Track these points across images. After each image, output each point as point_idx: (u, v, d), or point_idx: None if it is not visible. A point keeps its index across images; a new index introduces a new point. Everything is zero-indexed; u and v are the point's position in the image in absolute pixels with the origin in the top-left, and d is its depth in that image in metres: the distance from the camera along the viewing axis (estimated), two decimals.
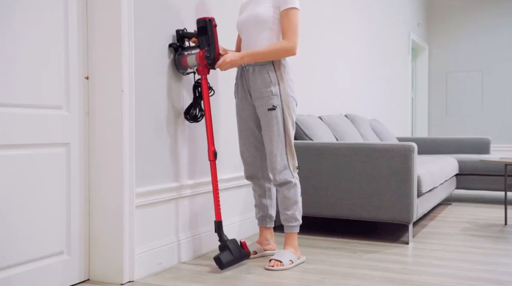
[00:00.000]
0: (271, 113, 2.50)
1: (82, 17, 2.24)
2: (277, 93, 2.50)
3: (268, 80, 2.50)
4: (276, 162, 2.52)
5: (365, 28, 5.50)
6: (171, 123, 2.57)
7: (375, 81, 5.92)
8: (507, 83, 7.96)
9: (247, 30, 2.57)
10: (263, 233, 2.77)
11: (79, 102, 2.24)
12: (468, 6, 8.20)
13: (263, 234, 2.77)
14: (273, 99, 2.49)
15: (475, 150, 5.34)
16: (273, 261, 2.50)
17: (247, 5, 2.66)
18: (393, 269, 2.48)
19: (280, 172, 2.53)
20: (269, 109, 2.50)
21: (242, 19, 2.60)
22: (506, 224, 3.66)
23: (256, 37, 2.53)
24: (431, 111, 8.49)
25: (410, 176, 2.98)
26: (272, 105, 2.49)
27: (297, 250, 2.60)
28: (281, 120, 2.51)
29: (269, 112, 2.50)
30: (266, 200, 2.74)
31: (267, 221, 2.76)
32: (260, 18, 2.50)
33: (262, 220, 2.76)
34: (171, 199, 2.56)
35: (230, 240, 2.48)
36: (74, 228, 2.21)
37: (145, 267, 2.37)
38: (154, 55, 2.45)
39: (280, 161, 2.53)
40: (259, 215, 2.77)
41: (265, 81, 2.51)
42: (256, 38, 2.53)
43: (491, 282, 2.27)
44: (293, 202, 2.58)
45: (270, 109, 2.50)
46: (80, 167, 2.24)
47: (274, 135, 2.51)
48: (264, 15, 2.50)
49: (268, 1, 2.53)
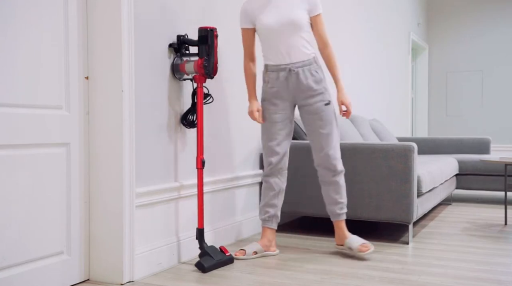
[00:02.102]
0: (328, 107, 2.70)
1: (82, 17, 2.24)
2: (327, 89, 2.72)
3: (318, 77, 2.69)
4: (336, 152, 2.72)
5: (365, 28, 5.50)
6: (171, 123, 2.57)
7: (375, 81, 5.92)
8: (507, 83, 7.96)
9: (282, 34, 2.65)
10: (267, 234, 2.78)
11: (79, 102, 2.24)
12: (468, 6, 8.20)
13: (267, 235, 2.78)
14: (325, 94, 2.70)
15: (475, 150, 5.34)
16: (362, 246, 2.65)
17: (267, 7, 2.67)
18: (393, 269, 2.48)
19: (339, 161, 2.74)
20: (326, 104, 2.69)
21: (275, 22, 2.64)
22: (506, 224, 3.66)
23: (294, 42, 2.65)
24: (431, 111, 8.48)
25: (410, 176, 2.98)
26: (327, 100, 2.70)
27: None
28: (334, 113, 2.73)
29: (326, 107, 2.69)
30: (278, 200, 2.79)
31: (273, 222, 2.78)
32: (298, 23, 2.63)
33: (269, 220, 2.78)
34: (171, 199, 2.56)
35: (209, 246, 2.53)
36: (74, 228, 2.21)
37: (145, 267, 2.37)
38: (154, 56, 2.46)
39: (338, 151, 2.75)
40: (267, 215, 2.78)
41: (316, 79, 2.68)
42: (294, 43, 2.65)
43: (491, 282, 2.27)
44: (344, 189, 2.78)
45: (326, 104, 2.69)
46: (80, 167, 2.24)
47: (333, 127, 2.71)
48: (301, 21, 2.64)
49: (299, 6, 2.65)
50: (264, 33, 2.68)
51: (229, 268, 2.51)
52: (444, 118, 8.39)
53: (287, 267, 2.52)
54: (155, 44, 2.46)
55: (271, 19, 2.64)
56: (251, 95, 2.78)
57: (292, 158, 3.27)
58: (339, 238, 2.80)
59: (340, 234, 2.79)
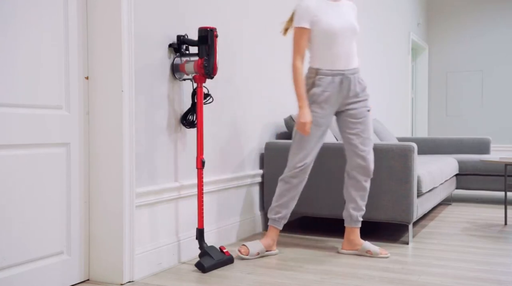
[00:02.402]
0: (368, 114, 2.79)
1: (82, 17, 2.24)
2: (369, 97, 2.82)
3: (363, 85, 2.79)
4: (372, 157, 2.77)
5: (365, 28, 5.50)
6: (171, 123, 2.57)
7: (375, 81, 5.92)
8: (507, 83, 7.96)
9: (346, 38, 2.70)
10: (272, 234, 2.78)
11: (79, 102, 2.24)
12: (468, 6, 8.20)
13: (272, 235, 2.78)
14: (368, 101, 2.80)
15: (475, 150, 5.34)
16: (382, 250, 2.74)
17: (328, 10, 2.69)
18: (393, 269, 2.48)
19: (373, 166, 2.79)
20: (368, 111, 2.78)
21: (340, 26, 2.68)
22: (506, 224, 3.66)
23: (352, 48, 2.73)
24: (431, 111, 8.48)
25: (410, 176, 2.98)
26: (368, 107, 2.79)
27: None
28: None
29: (367, 113, 2.78)
30: (294, 202, 2.79)
31: (281, 223, 2.79)
32: (357, 30, 2.74)
33: (278, 221, 2.79)
34: (171, 199, 2.56)
35: (209, 246, 2.52)
36: (74, 228, 2.21)
37: (145, 267, 2.37)
38: (154, 56, 2.45)
39: (373, 156, 2.84)
40: (278, 216, 2.78)
41: (362, 87, 2.77)
42: (352, 49, 2.73)
43: (491, 282, 2.27)
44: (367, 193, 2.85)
45: (368, 110, 2.79)
46: (80, 167, 2.24)
47: (370, 133, 2.78)
48: (358, 28, 2.76)
49: (352, 13, 2.79)
50: (324, 36, 2.66)
51: (229, 268, 2.51)
52: (444, 118, 8.39)
53: (287, 267, 2.52)
54: (155, 44, 2.46)
55: (336, 22, 2.66)
56: (305, 103, 2.65)
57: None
58: (351, 244, 2.79)
59: (355, 240, 2.78)
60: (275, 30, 3.58)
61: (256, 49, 3.34)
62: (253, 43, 3.31)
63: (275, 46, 3.58)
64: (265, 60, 3.46)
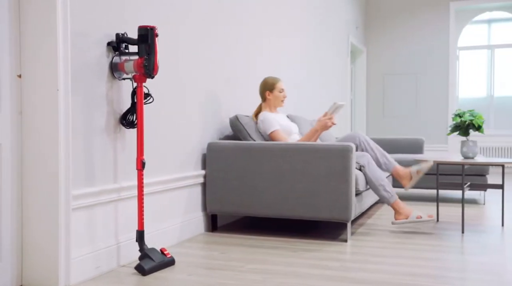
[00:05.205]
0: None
1: (14, 11, 2.14)
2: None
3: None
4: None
5: (306, 31, 5.59)
6: (110, 124, 2.51)
7: (316, 83, 6.03)
8: (440, 86, 8.34)
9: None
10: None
11: (11, 101, 2.14)
12: (404, 11, 8.52)
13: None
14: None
15: (410, 149, 5.57)
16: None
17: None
18: (332, 267, 2.53)
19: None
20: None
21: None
22: (438, 221, 3.83)
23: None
24: (369, 112, 8.75)
25: (349, 176, 3.05)
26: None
27: None
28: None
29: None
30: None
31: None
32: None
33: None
34: (110, 201, 2.49)
35: (149, 249, 2.50)
36: (5, 232, 2.11)
37: (82, 271, 2.30)
38: (92, 54, 2.38)
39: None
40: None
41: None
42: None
43: (426, 277, 2.36)
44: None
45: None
46: (12, 168, 2.14)
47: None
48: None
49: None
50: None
51: (170, 270, 2.48)
52: (381, 119, 8.67)
53: (229, 268, 2.52)
54: (93, 42, 2.39)
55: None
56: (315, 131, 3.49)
57: (236, 159, 3.27)
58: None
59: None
60: (216, 29, 3.57)
61: (199, 48, 3.32)
62: (195, 43, 3.28)
63: (217, 45, 3.57)
64: (207, 59, 3.44)
